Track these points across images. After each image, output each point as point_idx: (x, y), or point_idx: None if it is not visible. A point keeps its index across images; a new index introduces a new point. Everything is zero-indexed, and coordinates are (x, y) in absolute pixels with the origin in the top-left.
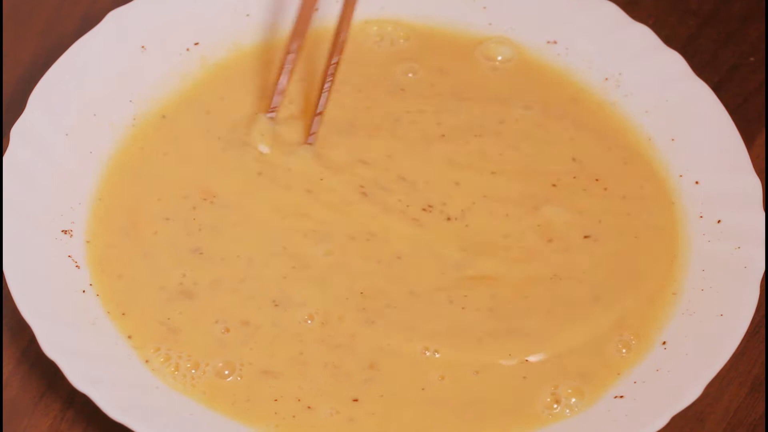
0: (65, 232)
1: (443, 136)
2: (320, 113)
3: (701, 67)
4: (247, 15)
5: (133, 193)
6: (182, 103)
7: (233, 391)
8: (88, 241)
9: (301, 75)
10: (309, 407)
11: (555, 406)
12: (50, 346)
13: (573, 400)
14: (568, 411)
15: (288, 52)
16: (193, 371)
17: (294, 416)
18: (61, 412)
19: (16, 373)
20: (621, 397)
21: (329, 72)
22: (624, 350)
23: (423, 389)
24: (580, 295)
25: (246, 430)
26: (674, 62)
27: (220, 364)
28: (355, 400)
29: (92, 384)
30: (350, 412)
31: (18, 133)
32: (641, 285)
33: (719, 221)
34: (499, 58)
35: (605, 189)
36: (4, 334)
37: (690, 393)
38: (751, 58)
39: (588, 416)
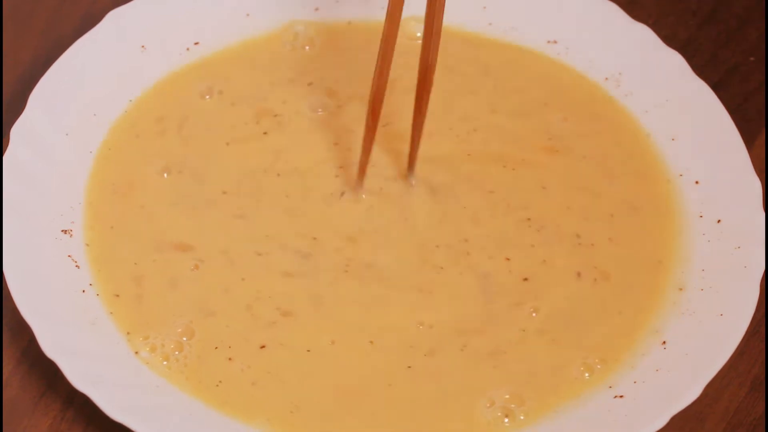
0: (65, 232)
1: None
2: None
3: (701, 67)
4: (247, 15)
5: (133, 191)
6: (182, 103)
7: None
8: (87, 244)
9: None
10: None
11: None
12: (50, 346)
13: (521, 412)
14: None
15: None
16: (176, 353)
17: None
18: (61, 412)
19: (16, 373)
20: (621, 397)
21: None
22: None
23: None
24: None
25: (244, 429)
26: (674, 62)
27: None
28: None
29: (92, 384)
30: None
31: (18, 133)
32: (640, 285)
33: (719, 221)
34: (418, 34)
35: (605, 189)
36: (4, 334)
37: (690, 393)
38: (751, 58)
39: (588, 416)
